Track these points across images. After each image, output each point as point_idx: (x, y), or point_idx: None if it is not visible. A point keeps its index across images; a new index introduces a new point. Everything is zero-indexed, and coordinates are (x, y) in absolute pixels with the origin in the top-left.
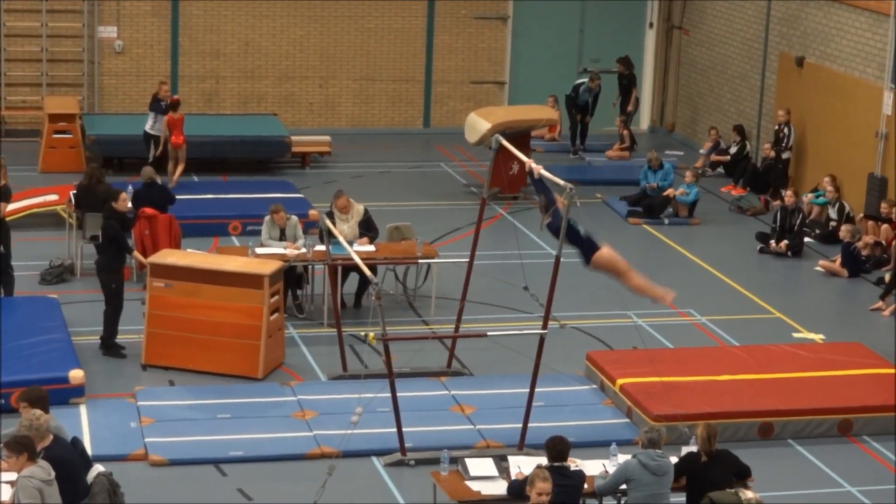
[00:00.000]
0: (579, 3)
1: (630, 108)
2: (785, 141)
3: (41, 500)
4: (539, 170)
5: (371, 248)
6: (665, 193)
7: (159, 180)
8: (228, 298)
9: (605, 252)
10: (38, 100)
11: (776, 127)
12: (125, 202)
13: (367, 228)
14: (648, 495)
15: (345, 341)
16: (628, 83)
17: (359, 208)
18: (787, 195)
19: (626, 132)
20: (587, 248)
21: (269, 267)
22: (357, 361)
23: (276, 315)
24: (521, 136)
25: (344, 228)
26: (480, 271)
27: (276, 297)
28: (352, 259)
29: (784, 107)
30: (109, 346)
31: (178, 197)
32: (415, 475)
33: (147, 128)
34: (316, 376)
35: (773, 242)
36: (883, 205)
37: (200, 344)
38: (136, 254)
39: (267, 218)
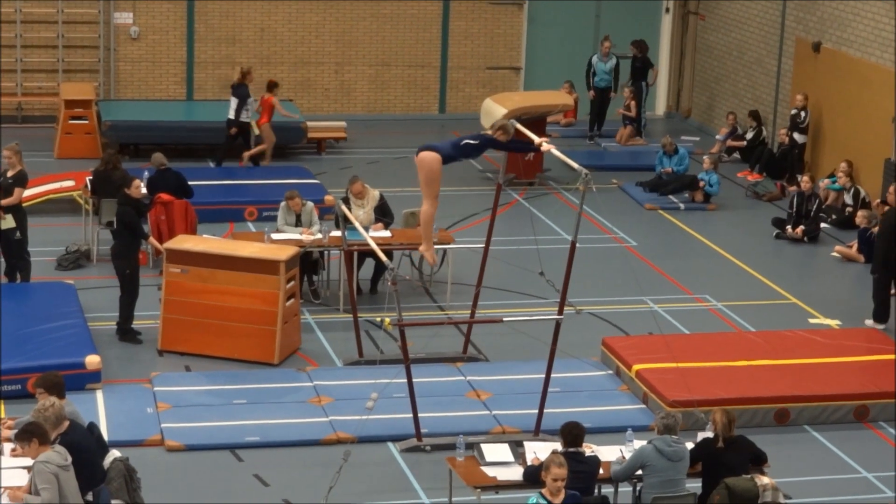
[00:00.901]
0: None
1: (650, 82)
2: (802, 125)
3: (57, 485)
4: (550, 147)
5: (387, 233)
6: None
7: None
8: (244, 284)
9: (432, 159)
10: (54, 86)
11: (793, 111)
12: (139, 189)
13: (383, 214)
14: (664, 481)
15: (360, 327)
16: (642, 66)
17: (374, 194)
18: (804, 181)
19: (632, 103)
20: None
21: (285, 253)
22: (373, 347)
23: (291, 301)
24: (536, 121)
25: (359, 214)
26: (496, 257)
27: (293, 283)
28: (368, 245)
29: (801, 91)
30: (125, 332)
31: (193, 182)
32: (431, 461)
33: (231, 115)
34: (332, 362)
35: (789, 228)
36: None
37: (216, 330)
38: (152, 239)
39: (282, 204)
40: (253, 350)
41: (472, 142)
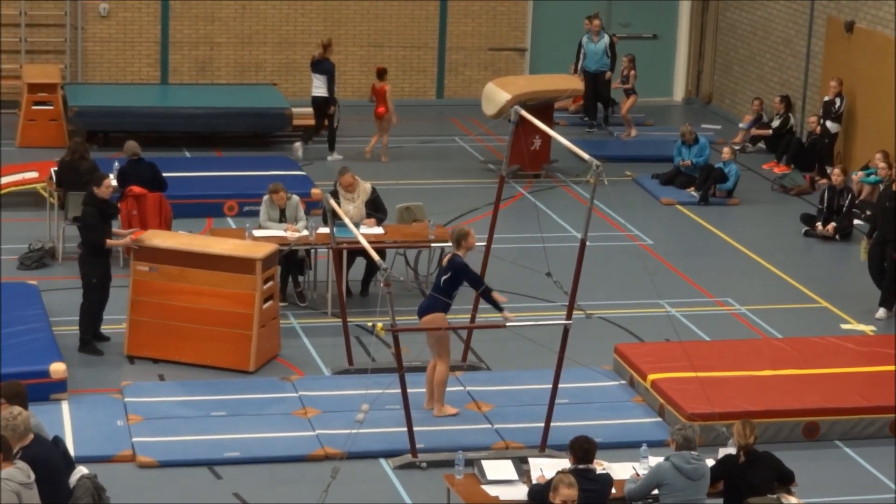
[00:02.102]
0: None
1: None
2: (836, 114)
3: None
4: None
5: (379, 230)
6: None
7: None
8: (217, 284)
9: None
10: (15, 68)
11: (827, 99)
12: (109, 189)
13: (375, 209)
14: (683, 501)
15: (350, 332)
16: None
17: (366, 187)
18: (835, 173)
19: (631, 73)
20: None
21: (262, 250)
22: (364, 354)
23: (270, 303)
24: (543, 108)
25: (349, 209)
26: (499, 256)
27: (271, 284)
28: (358, 242)
29: (835, 76)
30: (85, 343)
31: (168, 174)
32: (427, 478)
33: (315, 92)
34: (319, 370)
35: (819, 225)
36: None
37: (187, 333)
38: (113, 241)
39: (265, 198)
40: (226, 356)
41: (446, 277)
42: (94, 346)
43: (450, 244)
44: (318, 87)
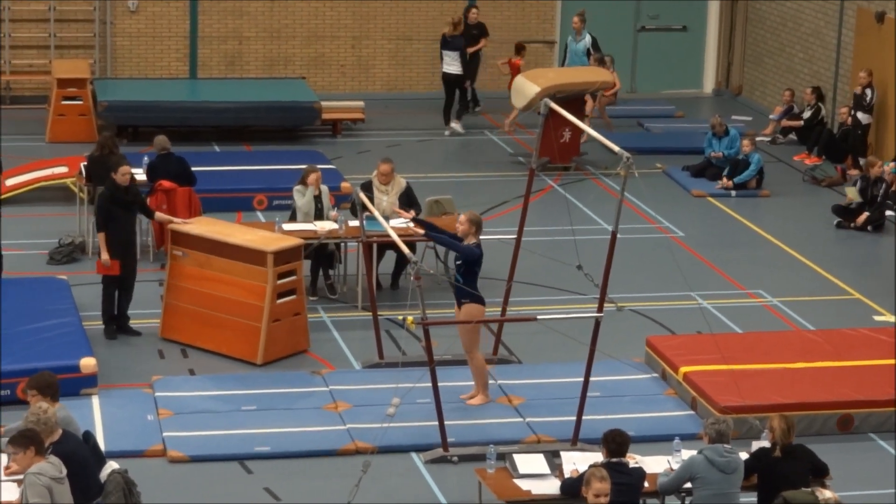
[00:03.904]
0: None
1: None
2: (868, 105)
3: (50, 499)
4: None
5: (409, 223)
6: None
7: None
8: (235, 273)
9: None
10: (45, 63)
11: (857, 91)
12: (126, 175)
13: (409, 204)
14: (716, 494)
15: (381, 326)
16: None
17: (400, 181)
18: (869, 164)
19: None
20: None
21: (277, 243)
22: (394, 348)
23: (291, 298)
24: (573, 100)
25: (382, 201)
26: (529, 249)
27: (293, 278)
28: (388, 236)
29: (865, 67)
30: (105, 325)
31: (197, 168)
32: (458, 473)
33: (447, 69)
34: (349, 364)
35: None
36: None
37: (208, 320)
38: (159, 222)
39: (297, 187)
40: (238, 346)
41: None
42: (111, 328)
43: (480, 237)
44: (450, 64)
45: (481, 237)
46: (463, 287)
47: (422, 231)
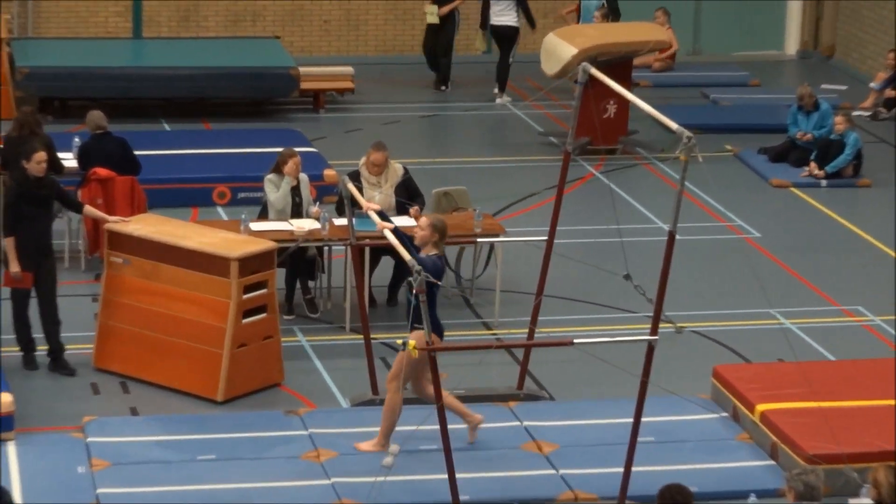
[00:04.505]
0: None
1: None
2: None
3: None
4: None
5: (411, 221)
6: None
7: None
8: (191, 286)
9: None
10: None
11: None
12: (41, 164)
13: (409, 195)
14: None
15: (375, 353)
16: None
17: (396, 168)
18: None
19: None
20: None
21: (243, 247)
22: None
23: (260, 316)
24: (619, 64)
25: (374, 195)
26: (563, 253)
27: (263, 292)
28: (384, 238)
29: None
30: (24, 350)
31: (141, 153)
32: None
33: (498, 20)
34: (334, 402)
35: None
36: None
37: (154, 345)
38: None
39: (269, 176)
40: (194, 378)
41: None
42: (30, 357)
43: (501, 239)
44: (502, 14)
45: (497, 238)
46: (416, 310)
47: (389, 226)
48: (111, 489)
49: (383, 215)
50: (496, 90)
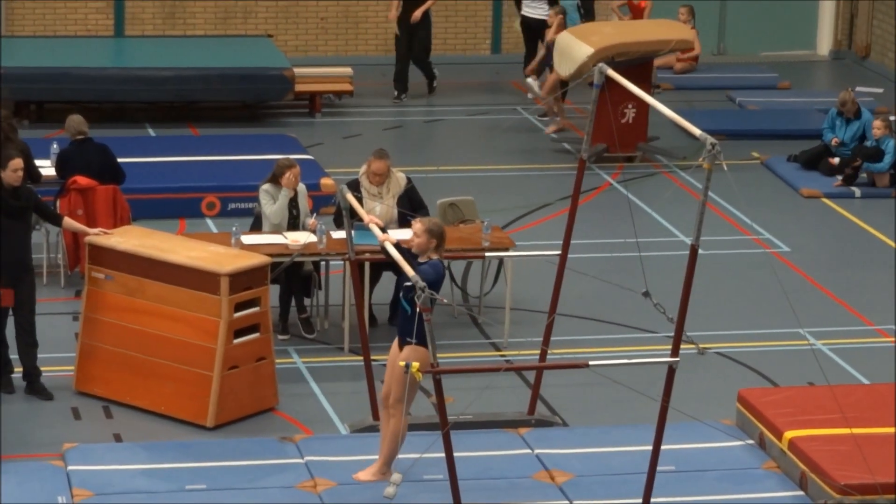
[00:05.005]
0: None
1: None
2: None
3: None
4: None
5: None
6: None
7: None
8: (178, 303)
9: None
10: None
11: None
12: (18, 172)
13: (412, 206)
14: None
15: (375, 375)
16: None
17: (399, 178)
18: None
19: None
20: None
21: (234, 262)
22: None
23: (254, 336)
24: (638, 66)
25: (375, 207)
26: (577, 268)
27: (256, 309)
28: (385, 252)
29: None
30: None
31: (125, 160)
32: None
33: (530, 12)
34: (332, 428)
35: None
36: None
37: (139, 367)
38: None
39: (265, 186)
40: (181, 403)
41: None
42: (6, 379)
43: (511, 253)
44: (532, 7)
45: (507, 252)
46: (410, 321)
47: (391, 239)
48: None
49: (383, 229)
50: (530, 78)
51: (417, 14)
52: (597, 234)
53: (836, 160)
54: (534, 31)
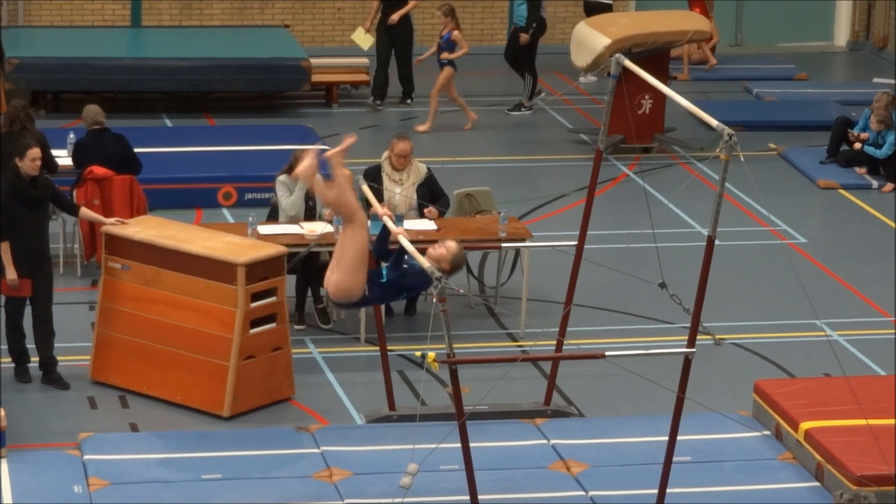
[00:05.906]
0: None
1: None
2: None
3: None
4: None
5: (431, 225)
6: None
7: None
8: (194, 294)
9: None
10: None
11: None
12: (36, 162)
13: (433, 197)
14: None
15: (392, 365)
16: None
17: (420, 168)
18: None
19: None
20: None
21: (251, 252)
22: (410, 395)
23: (270, 326)
24: (655, 57)
25: (395, 194)
26: (594, 259)
27: (272, 299)
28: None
29: None
30: (16, 362)
31: (141, 150)
32: None
33: None
34: (349, 418)
35: None
36: None
37: (156, 356)
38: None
39: (281, 178)
40: (197, 392)
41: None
42: (22, 368)
43: (528, 244)
44: None
45: (523, 243)
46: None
47: (405, 233)
48: None
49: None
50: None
51: (395, 17)
52: (613, 224)
53: (859, 145)
54: (594, 12)
